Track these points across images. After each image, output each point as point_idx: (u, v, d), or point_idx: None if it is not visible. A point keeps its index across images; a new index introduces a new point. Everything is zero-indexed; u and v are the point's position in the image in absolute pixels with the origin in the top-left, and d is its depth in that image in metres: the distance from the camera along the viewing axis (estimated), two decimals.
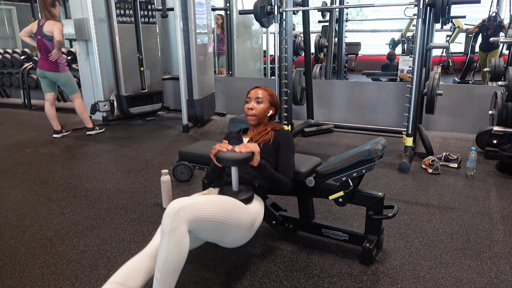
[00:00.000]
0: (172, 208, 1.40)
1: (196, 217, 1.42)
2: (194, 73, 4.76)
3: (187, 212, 1.40)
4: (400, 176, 3.10)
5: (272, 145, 1.89)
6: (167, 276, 1.38)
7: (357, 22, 9.77)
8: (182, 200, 1.44)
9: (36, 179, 3.16)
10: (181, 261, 1.40)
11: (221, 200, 1.56)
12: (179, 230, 1.38)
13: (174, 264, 1.38)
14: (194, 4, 4.56)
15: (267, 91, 1.98)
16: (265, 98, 1.95)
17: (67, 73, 4.33)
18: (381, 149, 1.82)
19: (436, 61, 7.55)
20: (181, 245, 1.39)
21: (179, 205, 1.40)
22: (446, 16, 3.17)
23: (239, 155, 1.63)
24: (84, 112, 4.55)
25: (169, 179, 2.55)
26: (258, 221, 1.75)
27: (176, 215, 1.38)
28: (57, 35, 4.03)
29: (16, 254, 2.04)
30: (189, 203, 1.43)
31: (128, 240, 2.15)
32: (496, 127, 3.53)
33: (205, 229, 1.49)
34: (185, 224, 1.40)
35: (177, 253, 1.38)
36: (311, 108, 4.70)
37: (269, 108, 1.98)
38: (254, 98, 1.95)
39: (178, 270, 1.41)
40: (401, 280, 1.77)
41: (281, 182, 1.81)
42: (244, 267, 1.88)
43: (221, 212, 1.51)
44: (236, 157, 1.62)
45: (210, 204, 1.50)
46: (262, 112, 1.94)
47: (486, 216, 2.40)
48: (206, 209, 1.47)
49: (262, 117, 1.96)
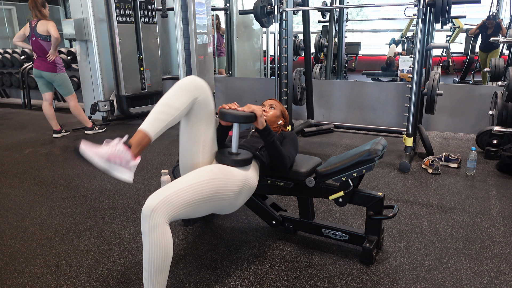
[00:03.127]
0: (147, 208, 1.38)
1: (172, 210, 1.41)
2: (194, 73, 4.75)
3: (162, 209, 1.38)
4: (400, 176, 3.10)
5: (278, 137, 2.01)
6: (155, 275, 1.40)
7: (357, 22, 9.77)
8: (158, 195, 1.41)
9: (36, 179, 3.16)
10: (166, 258, 1.41)
11: (198, 180, 1.51)
12: (158, 229, 1.37)
13: (159, 262, 1.39)
14: (194, 4, 4.55)
15: (280, 104, 2.21)
16: (278, 107, 2.17)
17: (64, 74, 4.33)
18: (381, 149, 1.82)
19: (436, 61, 7.55)
20: (163, 243, 1.39)
21: (154, 203, 1.38)
22: (446, 16, 3.17)
23: (241, 112, 1.71)
24: (80, 113, 4.54)
25: (169, 179, 2.55)
26: (248, 185, 1.73)
27: (152, 214, 1.37)
28: (54, 32, 4.04)
29: (16, 254, 2.04)
30: (162, 199, 1.40)
31: (128, 240, 2.15)
32: (496, 127, 3.53)
33: (187, 213, 1.48)
34: (163, 220, 1.38)
35: (160, 251, 1.38)
36: (311, 108, 4.70)
37: (280, 117, 2.16)
38: (268, 104, 2.17)
39: (165, 267, 1.42)
40: (401, 280, 1.77)
41: (283, 154, 1.86)
42: (244, 267, 1.88)
43: (199, 193, 1.48)
44: (237, 113, 1.70)
45: (185, 190, 1.46)
46: (274, 116, 2.12)
47: (486, 216, 2.40)
48: (181, 197, 1.43)
49: (273, 121, 2.11)
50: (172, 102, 1.59)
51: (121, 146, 1.42)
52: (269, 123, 2.06)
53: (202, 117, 1.68)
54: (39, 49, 4.15)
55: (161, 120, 1.55)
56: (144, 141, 1.49)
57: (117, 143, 1.43)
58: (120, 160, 1.41)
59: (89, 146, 1.41)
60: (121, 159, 1.41)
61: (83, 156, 1.39)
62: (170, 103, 1.59)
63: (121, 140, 1.45)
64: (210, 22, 5.04)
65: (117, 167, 1.42)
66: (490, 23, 6.21)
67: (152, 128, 1.52)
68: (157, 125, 1.53)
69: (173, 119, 1.57)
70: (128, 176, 1.44)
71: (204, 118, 1.68)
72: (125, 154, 1.42)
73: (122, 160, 1.41)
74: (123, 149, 1.42)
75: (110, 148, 1.41)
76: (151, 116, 1.55)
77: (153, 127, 1.52)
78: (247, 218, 2.39)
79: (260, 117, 1.74)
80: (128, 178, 1.44)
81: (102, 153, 1.39)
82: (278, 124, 2.14)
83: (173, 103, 1.58)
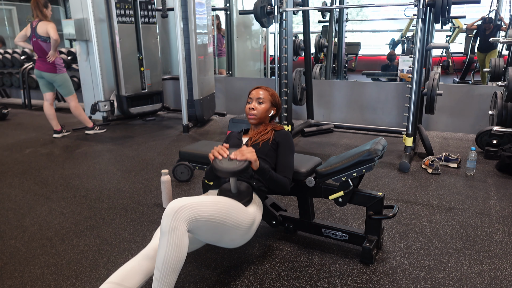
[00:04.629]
0: (171, 208, 1.40)
1: (195, 217, 1.43)
2: (194, 73, 4.76)
3: (186, 212, 1.41)
4: (400, 176, 3.10)
5: (271, 145, 1.89)
6: (167, 276, 1.39)
7: (357, 22, 9.78)
8: (181, 200, 1.45)
9: (36, 179, 3.16)
10: (180, 261, 1.41)
11: (219, 200, 1.57)
12: (178, 230, 1.39)
13: (173, 263, 1.39)
14: (194, 4, 4.56)
15: (268, 92, 1.99)
16: (266, 99, 1.96)
17: (64, 74, 4.33)
18: (381, 149, 1.83)
19: (436, 61, 7.55)
20: (181, 245, 1.39)
21: (178, 205, 1.41)
22: (446, 16, 3.17)
23: (236, 167, 1.59)
24: (81, 113, 4.55)
25: (169, 179, 2.56)
26: (257, 222, 1.76)
27: (176, 214, 1.39)
28: (53, 34, 4.04)
29: (16, 254, 2.05)
30: (188, 203, 1.44)
31: (128, 240, 2.16)
32: (496, 127, 3.53)
33: (204, 229, 1.50)
34: (184, 224, 1.40)
35: (176, 252, 1.38)
36: (311, 108, 4.70)
37: (270, 108, 1.99)
38: (255, 98, 1.96)
39: (177, 269, 1.41)
40: (401, 280, 1.77)
41: (281, 183, 1.81)
42: (244, 267, 1.88)
43: (220, 212, 1.52)
44: (232, 169, 1.59)
45: (209, 205, 1.50)
46: (263, 112, 1.95)
47: (486, 216, 2.40)
48: (205, 209, 1.47)
49: (263, 117, 1.97)
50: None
51: None
52: (260, 120, 1.95)
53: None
54: (39, 50, 4.15)
55: None
56: None
57: None
58: None
59: None
60: None
61: None
62: None
63: None
64: (210, 22, 5.05)
65: None
66: (487, 26, 6.22)
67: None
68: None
69: None
70: None
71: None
72: None
73: None
74: None
75: None
76: None
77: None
78: None
79: (255, 162, 1.66)
80: None
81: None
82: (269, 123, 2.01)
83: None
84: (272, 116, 2.02)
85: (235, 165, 1.60)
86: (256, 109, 1.94)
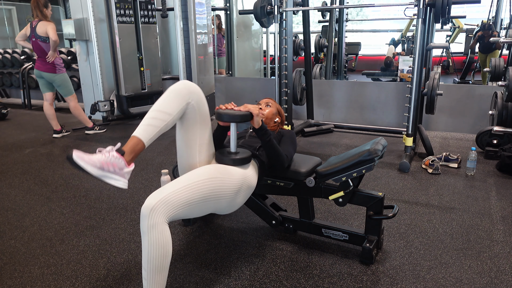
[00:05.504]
0: (146, 207, 1.38)
1: (171, 210, 1.41)
2: (194, 73, 4.75)
3: (161, 208, 1.39)
4: (400, 176, 3.10)
5: (276, 135, 2.04)
6: (155, 274, 1.40)
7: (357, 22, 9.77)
8: (155, 196, 1.42)
9: (36, 179, 3.16)
10: (164, 257, 1.41)
11: (196, 180, 1.52)
12: (157, 228, 1.38)
13: (158, 261, 1.39)
14: (194, 4, 4.56)
15: (275, 102, 2.21)
16: (274, 105, 2.17)
17: (63, 74, 4.32)
18: (381, 149, 1.82)
19: (436, 61, 7.55)
20: (161, 242, 1.39)
21: (151, 204, 1.39)
22: (446, 16, 3.17)
23: (237, 112, 1.74)
24: (81, 114, 4.54)
25: (169, 179, 2.55)
26: (247, 183, 1.73)
27: (151, 213, 1.37)
28: (52, 35, 4.02)
29: (16, 254, 2.04)
30: (161, 198, 1.40)
31: (128, 240, 2.15)
32: (496, 127, 3.53)
33: (185, 213, 1.49)
34: (162, 219, 1.39)
35: (158, 250, 1.39)
36: (311, 108, 4.70)
37: (276, 115, 2.16)
38: (264, 103, 2.18)
39: (164, 267, 1.42)
40: (401, 280, 1.77)
41: (280, 153, 1.88)
42: (244, 267, 1.88)
43: (198, 193, 1.49)
44: (233, 113, 1.73)
45: (184, 190, 1.46)
46: (270, 114, 2.11)
47: (486, 216, 2.40)
48: (180, 196, 1.44)
49: (269, 119, 2.11)
50: (165, 107, 1.59)
51: (114, 153, 1.43)
52: (266, 121, 2.08)
53: (197, 121, 1.70)
54: (39, 50, 4.15)
55: (154, 126, 1.55)
56: (138, 148, 1.50)
57: (110, 151, 1.44)
58: (114, 167, 1.42)
59: (82, 154, 1.39)
60: (115, 166, 1.42)
61: (76, 164, 1.37)
62: (163, 108, 1.59)
63: (114, 148, 1.46)
64: (210, 22, 5.04)
65: (111, 174, 1.42)
66: (486, 33, 6.23)
67: (145, 135, 1.52)
68: (150, 131, 1.54)
69: (166, 125, 1.58)
70: (123, 183, 1.45)
71: (198, 122, 1.71)
72: (118, 161, 1.43)
73: (116, 167, 1.42)
74: (116, 156, 1.43)
75: (103, 156, 1.41)
76: (144, 123, 1.56)
77: (146, 134, 1.53)
78: (247, 218, 2.39)
79: (256, 116, 1.75)
80: (122, 185, 1.45)
81: (95, 161, 1.39)
82: (275, 122, 2.16)
83: (165, 109, 1.59)
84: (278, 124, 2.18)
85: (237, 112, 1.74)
86: (264, 110, 2.12)
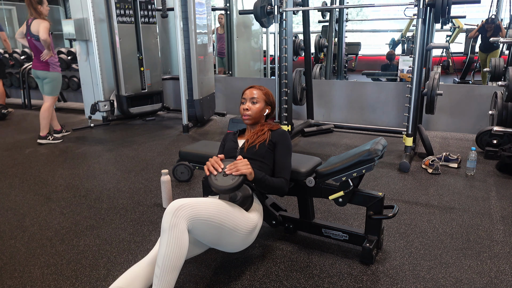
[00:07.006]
0: (172, 206, 1.43)
1: (195, 216, 1.45)
2: (194, 73, 4.76)
3: (187, 210, 1.43)
4: (400, 176, 3.10)
5: (268, 146, 1.88)
6: (167, 273, 1.39)
7: (357, 22, 9.77)
8: (182, 200, 1.47)
9: (36, 179, 3.16)
10: (180, 258, 1.41)
11: (220, 203, 1.58)
12: (179, 227, 1.40)
13: (173, 260, 1.39)
14: (194, 4, 4.56)
15: (262, 91, 1.97)
16: (260, 98, 1.95)
17: (57, 73, 4.21)
18: (381, 149, 1.82)
19: (436, 61, 7.55)
20: (181, 242, 1.40)
21: (178, 204, 1.44)
22: (446, 16, 3.17)
23: (231, 184, 1.58)
24: (47, 118, 4.25)
25: (169, 179, 2.55)
26: (258, 228, 1.77)
27: (176, 212, 1.41)
28: (42, 34, 3.88)
29: (16, 254, 2.04)
30: (189, 202, 1.46)
31: (128, 240, 2.15)
32: (496, 127, 3.53)
33: (203, 230, 1.51)
34: (185, 222, 1.42)
35: (176, 249, 1.39)
36: (311, 108, 4.70)
37: (265, 107, 1.98)
38: (249, 98, 1.95)
39: (177, 267, 1.42)
40: (401, 280, 1.77)
41: (278, 187, 1.82)
42: (244, 267, 1.88)
43: (220, 214, 1.53)
44: (227, 186, 1.58)
45: (209, 205, 1.52)
46: (258, 112, 1.95)
47: (486, 216, 2.40)
48: (205, 209, 1.49)
49: (258, 117, 1.96)
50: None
51: None
52: (255, 120, 1.95)
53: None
54: (34, 48, 4.07)
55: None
56: None
57: None
58: None
59: None
60: None
61: None
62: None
63: None
64: (210, 22, 5.05)
65: None
66: (489, 26, 6.21)
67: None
68: None
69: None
70: None
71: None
72: None
73: None
74: None
75: None
76: None
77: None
78: None
79: (250, 174, 1.64)
80: None
81: None
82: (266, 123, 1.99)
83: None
84: (267, 115, 2.01)
85: (230, 182, 1.59)
86: (250, 109, 1.93)
